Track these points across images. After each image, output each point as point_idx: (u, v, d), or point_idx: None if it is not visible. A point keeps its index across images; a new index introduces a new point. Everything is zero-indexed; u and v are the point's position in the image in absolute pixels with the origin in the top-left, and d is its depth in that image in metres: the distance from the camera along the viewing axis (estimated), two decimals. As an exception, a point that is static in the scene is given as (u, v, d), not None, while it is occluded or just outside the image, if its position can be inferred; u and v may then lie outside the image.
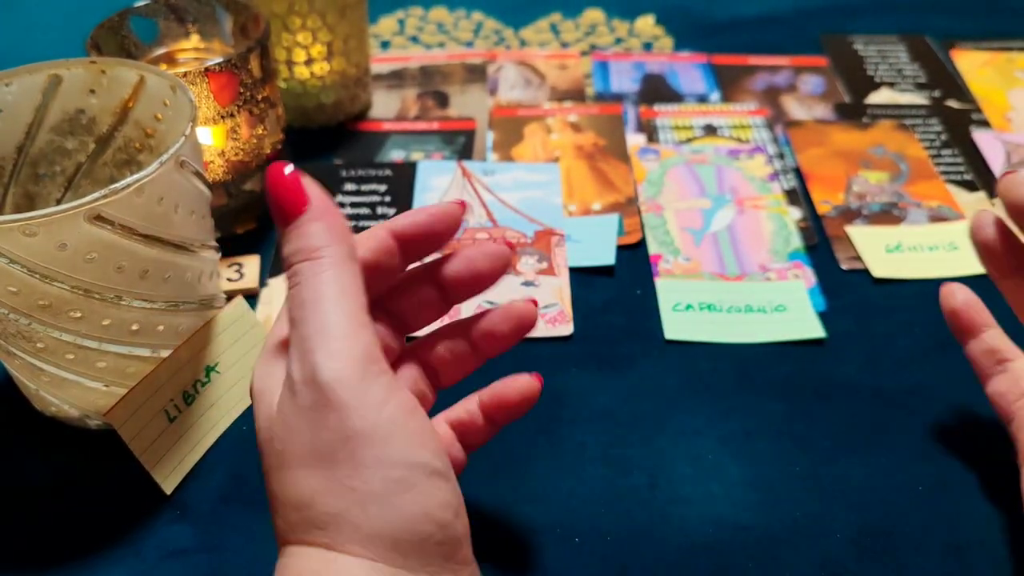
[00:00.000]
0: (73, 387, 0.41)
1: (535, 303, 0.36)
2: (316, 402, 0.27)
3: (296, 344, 0.28)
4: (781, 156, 0.65)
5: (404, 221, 0.34)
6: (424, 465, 0.28)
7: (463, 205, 0.35)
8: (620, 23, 0.82)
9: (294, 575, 0.28)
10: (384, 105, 0.71)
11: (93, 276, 0.37)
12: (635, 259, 0.56)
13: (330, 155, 0.65)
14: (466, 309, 0.51)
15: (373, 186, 0.62)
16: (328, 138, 0.67)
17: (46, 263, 0.35)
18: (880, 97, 0.72)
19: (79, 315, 0.38)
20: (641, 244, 0.57)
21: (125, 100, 0.45)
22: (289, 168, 0.30)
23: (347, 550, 0.27)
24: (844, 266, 0.56)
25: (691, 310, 0.52)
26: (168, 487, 0.42)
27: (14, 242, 0.34)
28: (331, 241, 0.29)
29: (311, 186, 0.30)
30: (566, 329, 0.51)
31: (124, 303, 0.39)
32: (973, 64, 0.76)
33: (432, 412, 0.36)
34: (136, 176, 0.36)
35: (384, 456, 0.27)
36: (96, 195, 0.35)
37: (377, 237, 0.33)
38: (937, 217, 0.59)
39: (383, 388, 0.28)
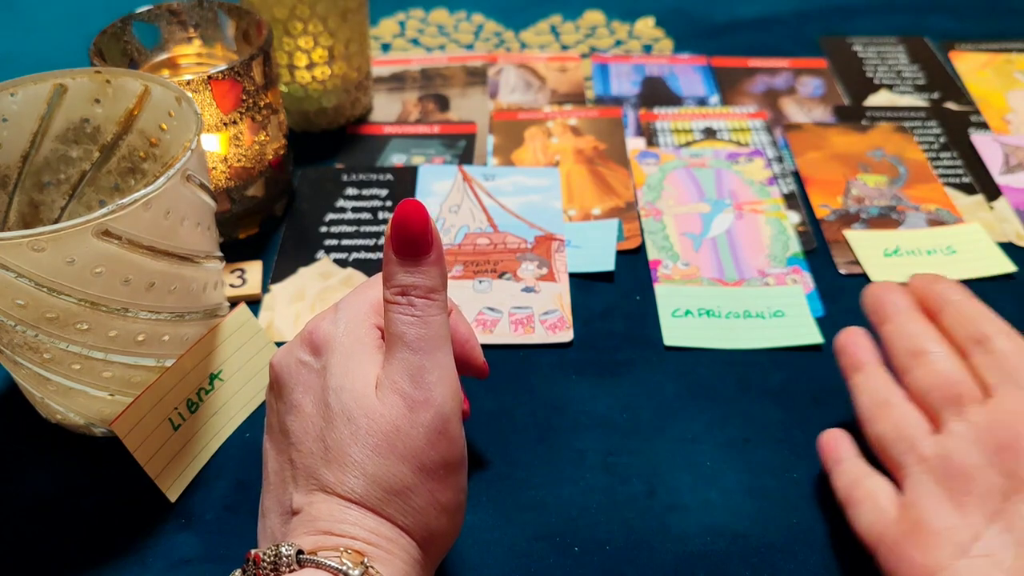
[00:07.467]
0: (79, 396, 0.42)
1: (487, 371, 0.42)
2: (434, 426, 0.32)
3: (410, 367, 0.32)
4: (780, 159, 0.65)
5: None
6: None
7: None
8: (620, 25, 0.82)
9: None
10: (385, 108, 0.71)
11: (100, 289, 0.37)
12: (635, 264, 0.56)
13: (332, 159, 0.65)
14: (467, 312, 0.51)
15: (374, 190, 0.62)
16: (329, 142, 0.67)
17: (54, 277, 0.36)
18: (879, 99, 0.72)
19: (86, 327, 0.38)
20: (641, 249, 0.57)
21: (130, 110, 0.45)
22: (423, 207, 0.32)
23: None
24: (842, 270, 0.56)
25: (690, 316, 0.52)
26: (172, 495, 0.42)
27: (22, 257, 0.35)
28: (443, 287, 0.33)
29: (435, 230, 0.33)
30: (566, 336, 0.51)
31: (130, 315, 0.39)
32: (972, 66, 0.76)
33: None
34: (143, 191, 0.36)
35: (462, 483, 0.34)
36: (103, 211, 0.35)
37: None
38: (935, 221, 0.59)
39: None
